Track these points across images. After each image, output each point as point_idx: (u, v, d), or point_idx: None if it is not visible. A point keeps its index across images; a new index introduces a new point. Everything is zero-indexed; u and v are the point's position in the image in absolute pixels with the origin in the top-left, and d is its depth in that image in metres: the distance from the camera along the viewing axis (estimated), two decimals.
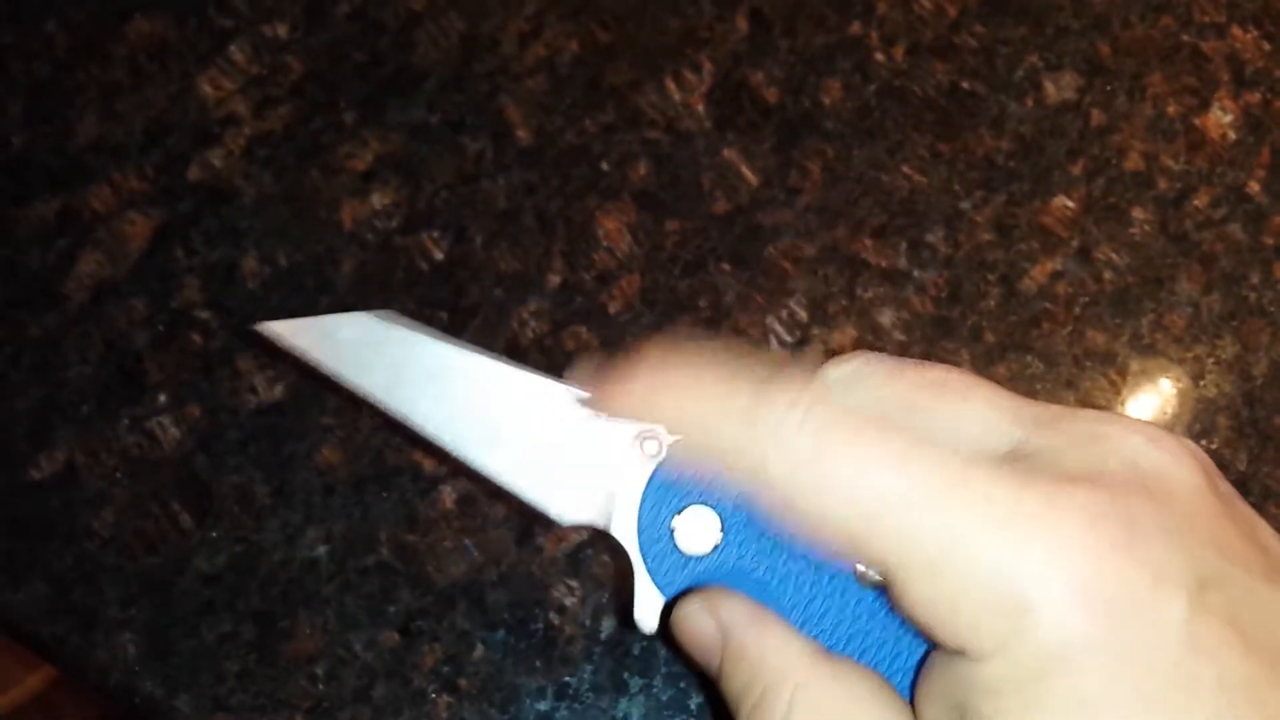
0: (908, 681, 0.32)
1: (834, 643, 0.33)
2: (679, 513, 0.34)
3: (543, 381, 0.35)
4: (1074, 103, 0.59)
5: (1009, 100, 0.59)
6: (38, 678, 0.59)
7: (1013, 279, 0.56)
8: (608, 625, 0.51)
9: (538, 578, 0.51)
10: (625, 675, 0.50)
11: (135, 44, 0.60)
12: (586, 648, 0.51)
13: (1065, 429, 0.30)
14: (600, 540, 0.52)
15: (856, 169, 0.58)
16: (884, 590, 0.31)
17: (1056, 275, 0.56)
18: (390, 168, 0.57)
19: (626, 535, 0.34)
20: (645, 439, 0.34)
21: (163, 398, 0.54)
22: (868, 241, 0.56)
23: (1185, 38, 0.61)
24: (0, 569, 0.52)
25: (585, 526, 0.35)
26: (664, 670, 0.51)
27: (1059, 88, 0.59)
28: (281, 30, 0.60)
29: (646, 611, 0.34)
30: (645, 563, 0.34)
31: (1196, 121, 0.59)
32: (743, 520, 0.34)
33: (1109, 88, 0.60)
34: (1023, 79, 0.59)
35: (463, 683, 0.50)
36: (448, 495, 0.52)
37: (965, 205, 0.57)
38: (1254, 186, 0.58)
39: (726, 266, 0.56)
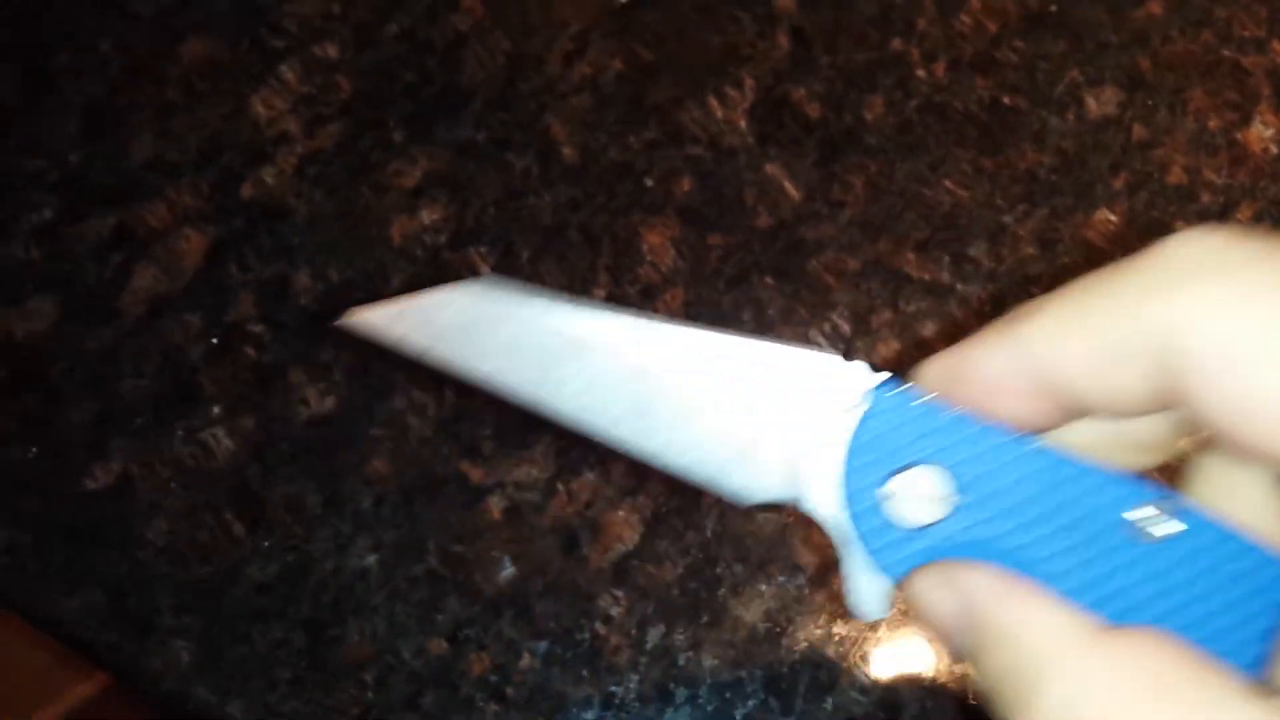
0: (1232, 645, 0.26)
1: (1116, 615, 0.27)
2: (895, 475, 0.28)
3: (692, 334, 0.29)
4: (1115, 117, 0.59)
5: (1050, 115, 0.59)
6: (90, 685, 0.60)
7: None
8: (654, 635, 0.51)
9: (584, 588, 0.52)
10: (671, 685, 0.51)
11: (189, 64, 0.61)
12: (632, 658, 0.51)
13: None
14: (646, 547, 0.53)
15: (899, 183, 0.58)
16: (1174, 539, 0.26)
17: None
18: (438, 185, 0.58)
19: (829, 510, 0.29)
20: (840, 388, 0.28)
21: (217, 410, 0.55)
22: (910, 255, 0.57)
23: (1226, 52, 0.61)
24: (56, 577, 0.53)
25: (776, 504, 0.30)
26: (709, 681, 0.51)
27: (1100, 102, 0.60)
28: (332, 50, 0.61)
29: (867, 599, 0.29)
30: (864, 543, 0.28)
31: (1238, 136, 0.59)
32: (984, 474, 0.27)
33: (1150, 102, 0.60)
34: (1064, 94, 0.60)
35: (510, 691, 0.51)
36: (495, 505, 0.53)
37: (1008, 219, 0.57)
38: None
39: (769, 280, 0.57)
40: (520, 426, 0.54)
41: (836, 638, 0.51)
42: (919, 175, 0.58)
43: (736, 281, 0.57)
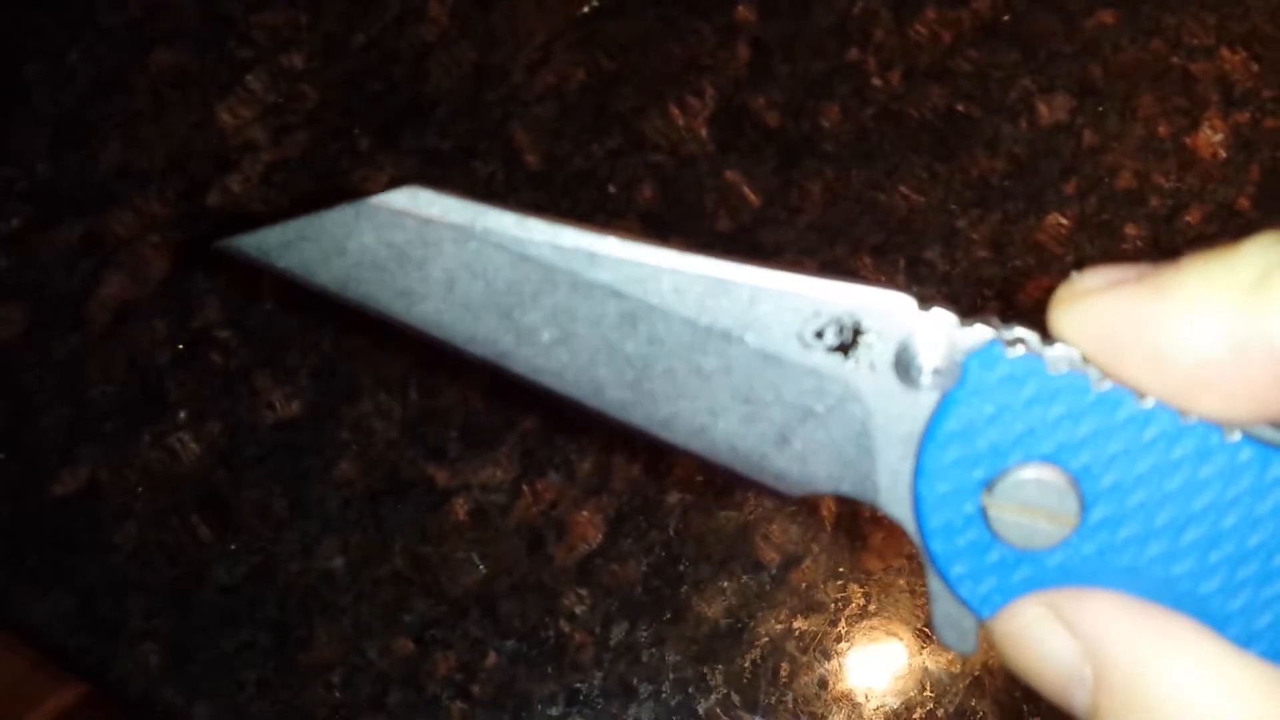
0: None
1: None
2: (996, 478, 0.21)
3: (710, 266, 0.21)
4: (1066, 124, 0.61)
5: (1003, 122, 0.61)
6: (69, 694, 0.61)
7: (1009, 294, 0.58)
8: (617, 632, 0.52)
9: (549, 586, 0.53)
10: (635, 681, 0.52)
11: (157, 74, 0.62)
12: (597, 654, 0.52)
13: None
14: (610, 546, 0.54)
15: (855, 189, 0.59)
16: None
17: (1052, 291, 0.58)
18: None
19: (902, 514, 0.22)
20: (914, 356, 0.21)
21: (183, 415, 0.55)
22: (867, 259, 0.58)
23: (1175, 60, 0.62)
24: (27, 582, 0.53)
25: (833, 497, 0.23)
26: (672, 676, 0.52)
27: (1052, 109, 0.61)
28: (299, 60, 0.62)
29: (952, 632, 0.22)
30: (940, 567, 0.21)
31: (1187, 141, 0.61)
32: (1132, 479, 0.20)
33: (1101, 109, 0.61)
34: (1016, 101, 0.61)
35: (476, 690, 0.52)
36: (460, 507, 0.54)
37: (961, 223, 0.59)
38: (1244, 203, 0.60)
39: None
40: (485, 428, 0.55)
41: (798, 633, 0.52)
42: (875, 181, 0.59)
43: None
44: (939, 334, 0.21)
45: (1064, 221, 0.59)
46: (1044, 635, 0.20)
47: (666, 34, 0.63)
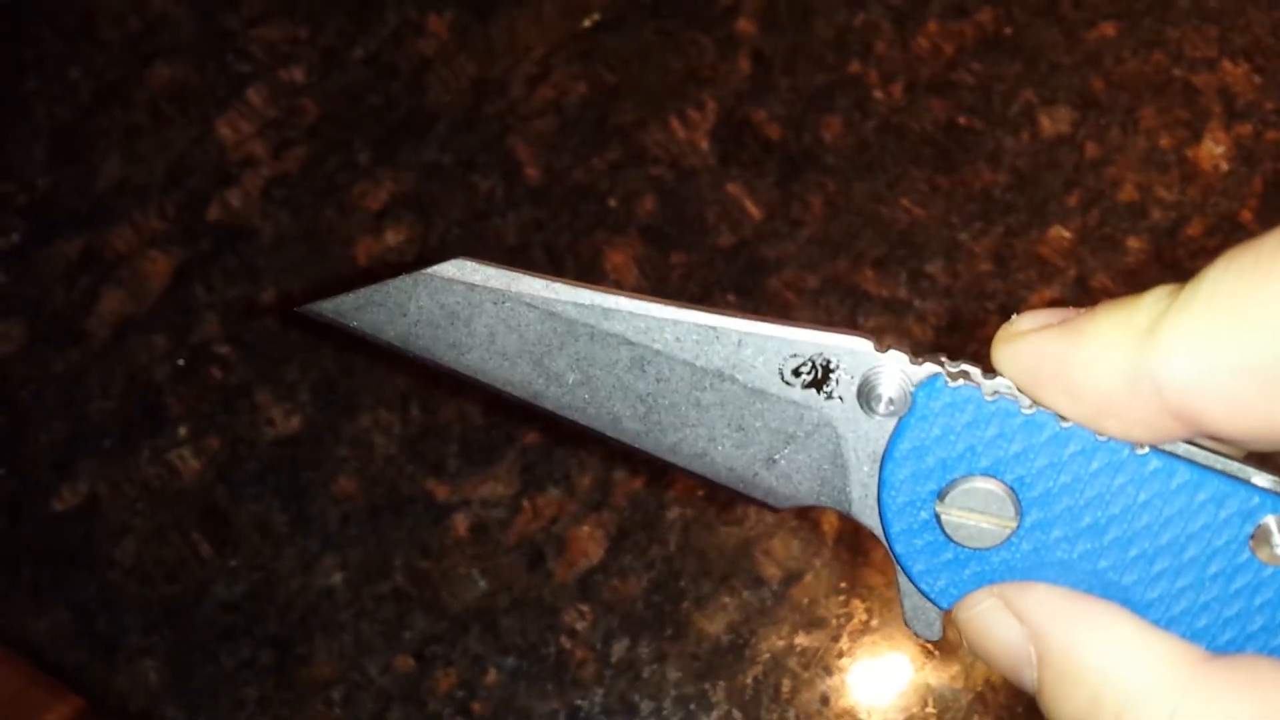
0: None
1: (1224, 647, 0.23)
2: (946, 489, 0.24)
3: (704, 318, 0.25)
4: (1069, 136, 0.61)
5: (1005, 135, 0.61)
6: (65, 709, 0.61)
7: (1011, 307, 0.57)
8: (619, 648, 0.52)
9: (549, 602, 0.53)
10: (636, 698, 0.51)
11: (156, 89, 0.62)
12: (598, 671, 0.52)
13: None
14: (611, 562, 0.53)
15: (857, 202, 0.59)
16: None
17: (1054, 304, 0.58)
18: (403, 206, 0.59)
19: (872, 521, 0.26)
20: (874, 388, 0.25)
21: (183, 430, 0.55)
22: (869, 272, 0.58)
23: (1177, 72, 0.62)
24: (25, 597, 0.53)
25: (814, 508, 0.27)
26: (674, 693, 0.51)
27: (1054, 122, 0.61)
28: (298, 75, 0.62)
29: (920, 622, 0.26)
30: (904, 565, 0.25)
31: (1189, 153, 0.61)
32: (1059, 488, 0.24)
33: (1103, 121, 0.61)
34: (1018, 114, 0.61)
35: (476, 706, 0.51)
36: (460, 522, 0.54)
37: (963, 236, 0.59)
38: (1246, 215, 0.60)
39: (731, 297, 0.58)
40: (485, 443, 0.55)
41: (799, 649, 0.52)
42: (877, 194, 0.59)
43: (699, 299, 0.58)
44: (894, 370, 0.24)
45: (1066, 234, 0.59)
46: (996, 621, 0.24)
47: (666, 47, 0.63)
